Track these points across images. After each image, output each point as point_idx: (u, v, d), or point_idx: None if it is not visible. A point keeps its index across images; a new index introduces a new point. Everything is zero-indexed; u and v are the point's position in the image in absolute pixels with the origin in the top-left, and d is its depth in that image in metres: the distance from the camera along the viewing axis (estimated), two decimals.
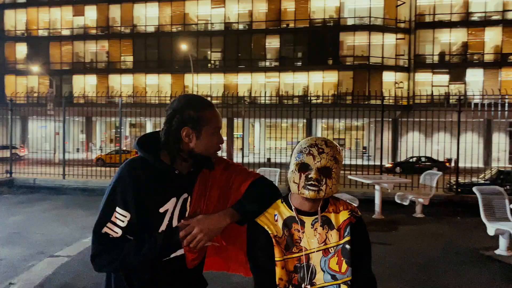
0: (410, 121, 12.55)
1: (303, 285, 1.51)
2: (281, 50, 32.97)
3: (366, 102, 18.90)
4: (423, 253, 5.63)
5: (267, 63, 33.26)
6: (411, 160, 22.33)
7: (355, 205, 6.86)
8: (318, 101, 22.32)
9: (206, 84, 33.31)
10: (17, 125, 30.52)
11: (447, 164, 17.51)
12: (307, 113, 10.61)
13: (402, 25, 31.44)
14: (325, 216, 1.55)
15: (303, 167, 1.48)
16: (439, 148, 12.09)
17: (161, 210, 1.45)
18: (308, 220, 1.53)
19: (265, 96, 12.61)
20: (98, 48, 36.05)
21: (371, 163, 17.14)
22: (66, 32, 36.24)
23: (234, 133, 30.25)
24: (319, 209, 1.54)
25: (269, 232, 1.51)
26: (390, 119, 23.30)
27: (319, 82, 31.93)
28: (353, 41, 31.67)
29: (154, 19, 34.65)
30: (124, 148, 23.56)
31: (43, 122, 30.53)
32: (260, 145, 30.76)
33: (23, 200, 9.82)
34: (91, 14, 35.65)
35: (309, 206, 1.53)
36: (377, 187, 7.90)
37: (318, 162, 1.46)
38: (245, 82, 33.09)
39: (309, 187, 1.46)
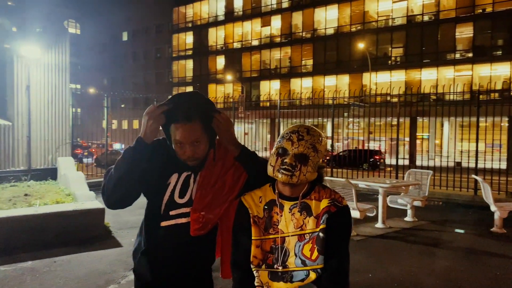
0: None
1: (275, 266, 1.56)
2: (475, 39, 29.11)
3: None
4: None
5: (457, 55, 29.90)
6: None
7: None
8: None
9: (385, 82, 32.07)
10: None
11: None
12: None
13: None
14: (305, 202, 1.58)
15: (281, 152, 1.53)
16: None
17: (166, 182, 1.70)
18: (287, 204, 1.59)
19: (456, 92, 11.50)
20: (282, 55, 38.96)
21: None
22: (255, 43, 40.46)
23: (418, 134, 28.24)
24: (300, 195, 1.57)
25: (250, 212, 1.60)
26: None
27: None
28: None
29: (333, 21, 35.35)
30: None
31: (236, 124, 34.84)
32: (450, 147, 27.85)
33: None
34: (276, 24, 38.81)
35: (289, 191, 1.57)
36: None
37: (295, 148, 1.50)
38: (430, 78, 30.47)
39: (282, 171, 1.50)
